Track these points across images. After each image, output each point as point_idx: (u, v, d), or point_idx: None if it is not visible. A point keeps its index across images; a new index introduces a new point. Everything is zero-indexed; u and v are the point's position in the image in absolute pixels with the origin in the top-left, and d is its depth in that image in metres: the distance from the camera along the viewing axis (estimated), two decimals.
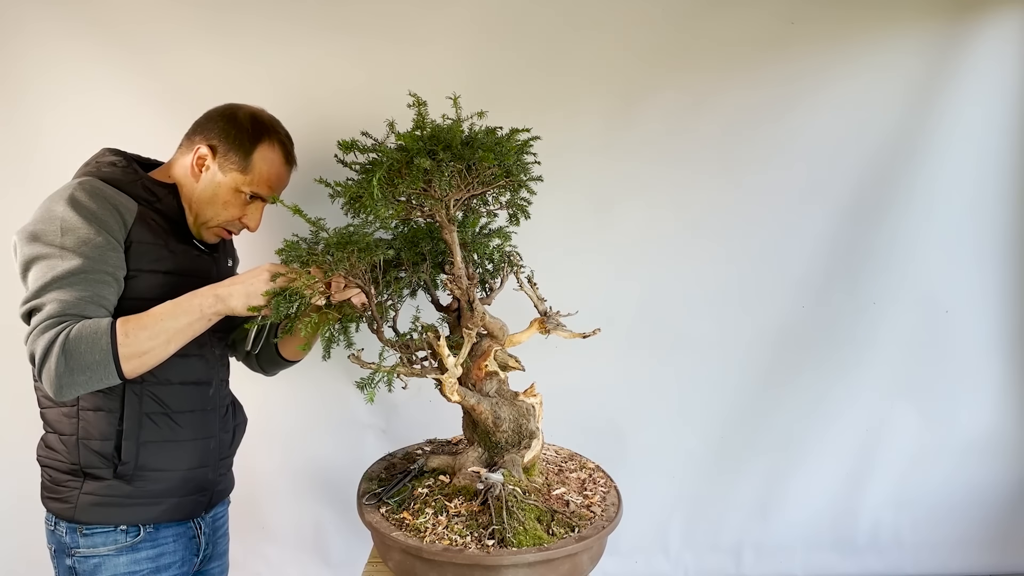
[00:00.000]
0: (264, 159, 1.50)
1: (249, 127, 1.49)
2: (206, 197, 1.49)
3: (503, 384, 1.58)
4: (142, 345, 1.28)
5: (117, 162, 1.47)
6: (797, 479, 2.46)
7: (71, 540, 1.42)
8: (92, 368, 1.25)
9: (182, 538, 1.53)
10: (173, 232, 1.49)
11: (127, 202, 1.40)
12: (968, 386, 2.42)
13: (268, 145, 1.51)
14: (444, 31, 2.14)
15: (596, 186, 2.27)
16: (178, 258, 1.46)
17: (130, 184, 1.43)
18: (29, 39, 2.04)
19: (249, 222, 1.55)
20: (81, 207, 1.33)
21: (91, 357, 1.24)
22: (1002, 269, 2.36)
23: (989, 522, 2.49)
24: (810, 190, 2.29)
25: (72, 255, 1.29)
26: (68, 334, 1.24)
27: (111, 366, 1.26)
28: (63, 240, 1.30)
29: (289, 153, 1.56)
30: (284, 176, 1.56)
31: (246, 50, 2.09)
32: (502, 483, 1.40)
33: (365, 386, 1.37)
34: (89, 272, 1.30)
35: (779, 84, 2.23)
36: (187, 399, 1.50)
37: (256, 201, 1.54)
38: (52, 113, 2.08)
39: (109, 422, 1.41)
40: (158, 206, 1.46)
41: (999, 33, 2.21)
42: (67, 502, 1.42)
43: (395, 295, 1.53)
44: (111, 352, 1.25)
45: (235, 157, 1.48)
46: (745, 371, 2.39)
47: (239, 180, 1.49)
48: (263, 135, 1.50)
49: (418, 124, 1.34)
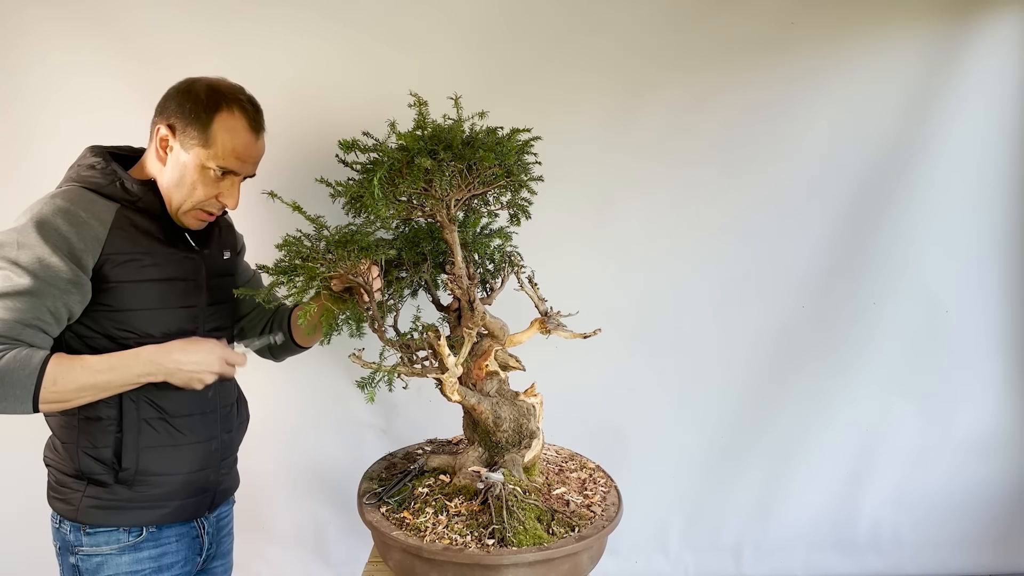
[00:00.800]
0: (225, 129, 1.40)
1: (204, 98, 1.40)
2: (174, 180, 1.42)
3: (503, 384, 1.58)
4: (66, 395, 1.28)
5: (96, 164, 1.42)
6: (797, 479, 2.46)
7: (75, 538, 1.42)
8: (7, 399, 1.23)
9: (185, 538, 1.52)
10: (158, 234, 1.44)
11: (104, 212, 1.36)
12: (968, 386, 2.42)
13: (228, 114, 1.40)
14: (445, 31, 2.14)
15: (597, 186, 2.27)
16: (161, 266, 1.42)
17: (109, 187, 1.39)
18: (24, 32, 2.04)
19: (226, 200, 1.46)
20: (47, 225, 1.29)
21: (10, 390, 1.22)
22: (1002, 269, 2.36)
23: (989, 522, 2.49)
24: (810, 190, 2.29)
25: (23, 273, 1.26)
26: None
27: (28, 403, 1.24)
28: (18, 255, 1.27)
29: (253, 119, 1.45)
30: (251, 145, 1.44)
31: (246, 49, 2.09)
32: (502, 483, 1.40)
33: (365, 386, 1.37)
34: (34, 294, 1.26)
35: (779, 84, 2.23)
36: (186, 403, 1.48)
37: (229, 176, 1.45)
38: (48, 108, 2.07)
39: (107, 430, 1.40)
40: (140, 205, 1.41)
41: (999, 33, 2.21)
42: (71, 503, 1.42)
43: (396, 295, 1.54)
44: (33, 392, 1.23)
45: (193, 131, 1.39)
46: (745, 371, 2.39)
47: (202, 155, 1.40)
48: (220, 104, 1.40)
49: (419, 124, 1.34)
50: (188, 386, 1.38)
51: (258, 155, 1.48)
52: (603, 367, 2.34)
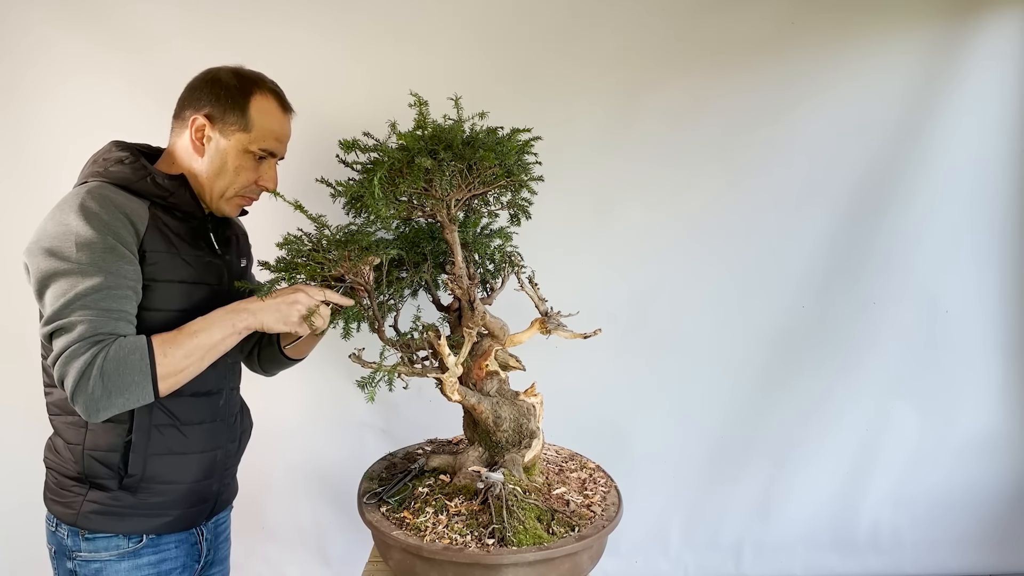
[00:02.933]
0: (261, 111, 1.44)
1: (237, 84, 1.43)
2: (215, 168, 1.43)
3: (503, 384, 1.59)
4: (179, 363, 1.28)
5: (124, 159, 1.40)
6: (797, 479, 2.46)
7: (73, 543, 1.40)
8: (130, 389, 1.23)
9: (184, 544, 1.50)
10: (186, 233, 1.43)
11: (138, 208, 1.35)
12: (968, 386, 2.42)
13: (261, 96, 1.44)
14: (445, 32, 2.15)
15: (597, 186, 2.27)
16: (191, 267, 1.41)
17: (140, 182, 1.37)
18: (22, 27, 2.04)
19: (267, 182, 1.48)
20: (94, 219, 1.27)
21: (130, 379, 1.23)
22: (1002, 269, 2.36)
23: (989, 522, 2.49)
24: (810, 190, 2.29)
25: (92, 270, 1.25)
26: (106, 356, 1.21)
27: (148, 387, 1.25)
28: (80, 255, 1.25)
29: (283, 100, 1.50)
30: (286, 124, 1.50)
31: (246, 49, 2.07)
32: (502, 482, 1.40)
33: (365, 385, 1.37)
34: (112, 288, 1.26)
35: (779, 84, 2.23)
36: (197, 411, 1.46)
37: (267, 159, 1.47)
38: (46, 105, 2.07)
39: (117, 433, 1.37)
40: (172, 200, 1.40)
41: (999, 33, 2.21)
42: (70, 507, 1.39)
43: (396, 295, 1.54)
44: (150, 372, 1.24)
45: (233, 118, 1.41)
46: (745, 371, 2.39)
47: (244, 140, 1.42)
48: (253, 88, 1.44)
49: (419, 124, 1.34)
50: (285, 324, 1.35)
51: (289, 134, 1.51)
52: (603, 367, 2.34)
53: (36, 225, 1.32)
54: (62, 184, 1.47)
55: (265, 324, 1.35)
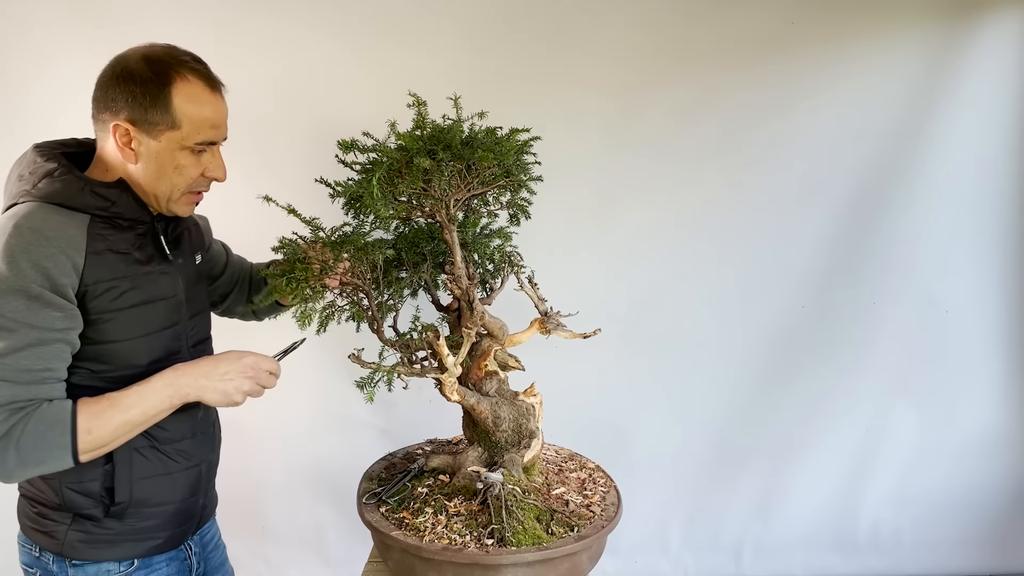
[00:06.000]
0: (187, 100, 1.24)
1: (151, 75, 1.22)
2: (153, 173, 1.27)
3: (503, 384, 1.58)
4: (103, 439, 1.19)
5: (54, 171, 1.23)
6: (797, 479, 2.46)
7: (59, 569, 1.32)
8: (47, 461, 1.15)
9: (174, 561, 1.44)
10: (133, 246, 1.29)
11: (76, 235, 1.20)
12: (968, 386, 2.42)
13: (182, 81, 1.24)
14: (444, 31, 2.15)
15: (597, 186, 2.27)
16: (141, 289, 1.28)
17: (76, 196, 1.22)
18: (22, 28, 2.04)
19: (215, 174, 1.33)
20: (20, 260, 1.13)
21: (47, 452, 1.14)
22: (1002, 269, 2.36)
23: (989, 522, 2.49)
24: (810, 190, 2.29)
25: (13, 325, 1.13)
26: (23, 428, 1.12)
27: (68, 459, 1.16)
28: (2, 306, 1.12)
29: (208, 77, 1.29)
30: (219, 106, 1.30)
31: (246, 49, 2.09)
32: (502, 482, 1.40)
33: (365, 385, 1.37)
34: (35, 344, 1.14)
35: (779, 84, 2.23)
36: (178, 427, 1.36)
37: (209, 148, 1.31)
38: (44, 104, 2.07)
39: (95, 463, 1.26)
40: (114, 210, 1.25)
41: (999, 33, 2.21)
42: (54, 536, 1.30)
43: (396, 295, 1.54)
44: (70, 447, 1.15)
45: (156, 117, 1.22)
46: (745, 371, 2.39)
47: (176, 138, 1.25)
48: (170, 74, 1.23)
49: (418, 124, 1.34)
50: (227, 403, 1.29)
51: (226, 113, 1.32)
52: (603, 367, 2.34)
53: None
54: None
55: (205, 400, 1.28)
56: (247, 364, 1.31)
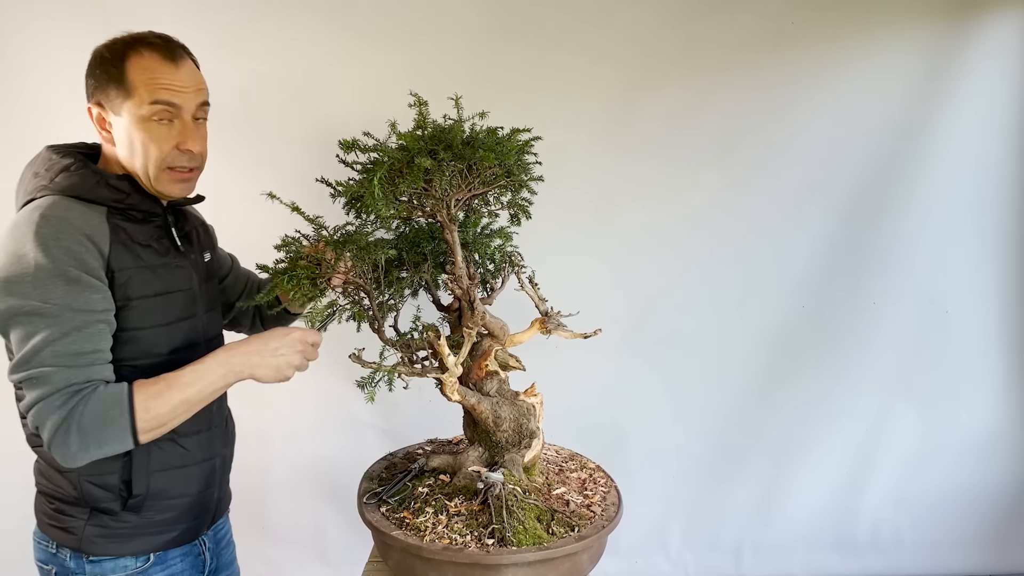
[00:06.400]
0: (139, 70, 1.26)
1: (109, 54, 1.28)
2: (127, 150, 1.29)
3: (503, 384, 1.58)
4: (162, 418, 1.22)
5: (70, 166, 1.28)
6: (797, 479, 2.46)
7: (76, 566, 1.33)
8: (109, 443, 1.18)
9: (189, 556, 1.47)
10: (150, 238, 1.34)
11: (98, 223, 1.25)
12: (968, 386, 2.42)
13: (136, 56, 1.27)
14: (445, 32, 2.14)
15: (597, 186, 2.27)
16: (161, 277, 1.33)
17: (94, 189, 1.27)
18: (23, 32, 2.03)
19: (188, 144, 1.32)
20: (53, 246, 1.17)
21: (108, 433, 1.17)
22: (1002, 269, 2.36)
23: (989, 522, 2.49)
24: (810, 190, 2.29)
25: (57, 310, 1.16)
26: (83, 410, 1.15)
27: (128, 439, 1.19)
28: (43, 292, 1.16)
29: (165, 48, 1.30)
30: (173, 71, 1.29)
31: (246, 49, 2.09)
32: (502, 482, 1.40)
33: (365, 385, 1.37)
34: (81, 327, 1.17)
35: (779, 84, 2.23)
36: (194, 421, 1.35)
37: (178, 119, 1.30)
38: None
39: (113, 456, 1.27)
40: (129, 201, 1.30)
41: (999, 33, 2.21)
42: (71, 532, 1.32)
43: (396, 295, 1.53)
44: (130, 427, 1.18)
45: (114, 91, 1.27)
46: (745, 371, 2.39)
47: (132, 107, 1.26)
48: (125, 51, 1.28)
49: (419, 124, 1.34)
50: (279, 378, 1.31)
51: (190, 81, 1.31)
52: (603, 367, 2.34)
53: None
54: None
55: (258, 377, 1.30)
56: (295, 339, 1.32)
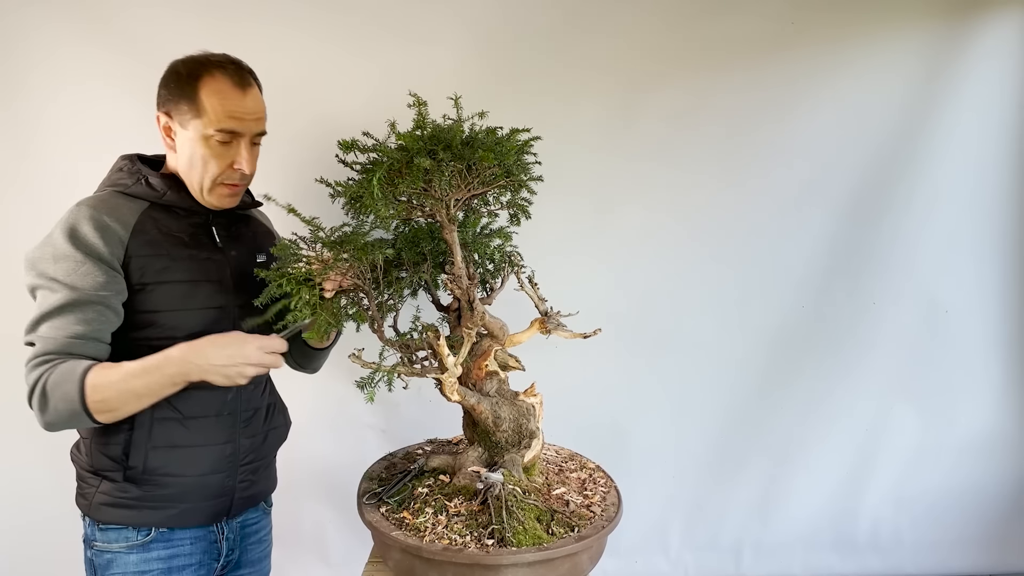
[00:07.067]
0: (212, 93, 1.39)
1: (185, 71, 1.41)
2: (186, 161, 1.44)
3: (503, 384, 1.58)
4: (109, 403, 1.29)
5: (124, 166, 1.47)
6: (797, 479, 2.46)
7: (91, 533, 1.45)
8: (66, 415, 1.28)
9: (201, 542, 1.50)
10: (183, 235, 1.44)
11: (127, 215, 1.39)
12: (968, 386, 2.42)
13: (209, 78, 1.40)
14: (445, 32, 2.14)
15: (597, 186, 2.27)
16: (183, 268, 1.42)
17: (135, 186, 1.43)
18: (25, 30, 2.03)
19: (241, 164, 1.44)
20: (74, 235, 1.33)
21: (63, 406, 1.26)
22: (1002, 269, 2.36)
23: (989, 522, 2.49)
24: (810, 190, 2.29)
25: (61, 287, 1.30)
26: (47, 379, 1.27)
27: (84, 417, 1.28)
28: (54, 270, 1.31)
29: (236, 75, 1.43)
30: (241, 100, 1.42)
31: (247, 51, 2.08)
32: (502, 483, 1.40)
33: (365, 385, 1.37)
34: (77, 304, 1.30)
35: (779, 84, 2.23)
36: (201, 404, 1.45)
37: (236, 140, 1.43)
38: (49, 112, 2.07)
39: (120, 426, 1.39)
40: (165, 200, 1.44)
41: (999, 33, 2.21)
42: (86, 498, 1.45)
43: (396, 295, 1.53)
44: (81, 404, 1.26)
45: (184, 106, 1.40)
46: (745, 371, 2.39)
47: (199, 126, 1.40)
48: (200, 71, 1.40)
49: (418, 124, 1.34)
50: (232, 383, 1.34)
51: (255, 109, 1.45)
52: (603, 367, 2.34)
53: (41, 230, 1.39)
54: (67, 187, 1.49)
55: (211, 381, 1.33)
56: (251, 350, 1.35)
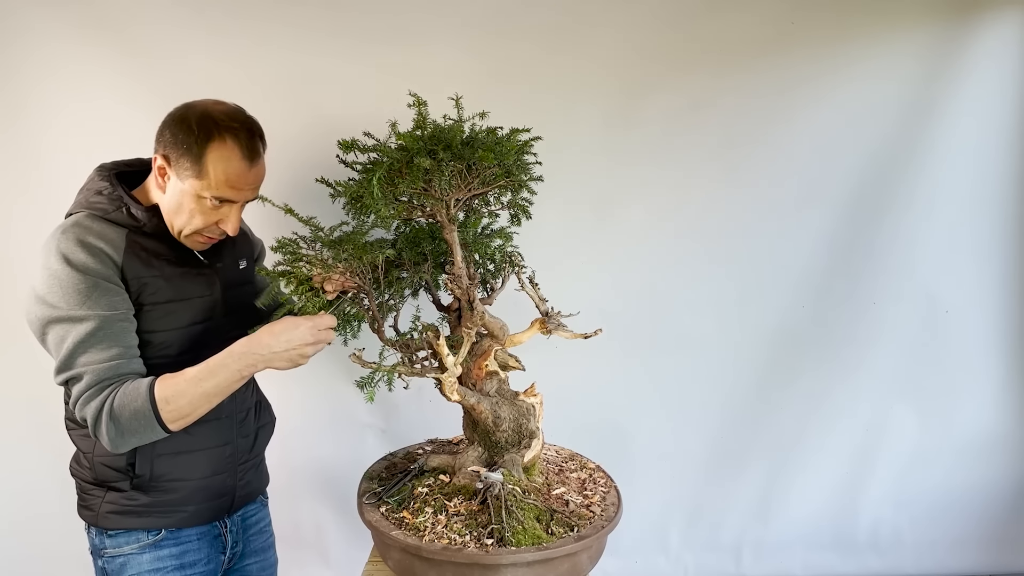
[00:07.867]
0: (218, 160, 1.36)
1: (197, 129, 1.36)
2: (173, 207, 1.41)
3: (503, 384, 1.59)
4: (183, 410, 1.32)
5: (103, 189, 1.42)
6: (797, 479, 2.46)
7: (100, 542, 1.48)
8: (140, 432, 1.31)
9: (206, 537, 1.55)
10: (168, 254, 1.44)
11: (115, 237, 1.38)
12: (968, 386, 2.42)
13: (219, 143, 1.36)
14: (445, 32, 2.14)
15: (597, 186, 2.27)
16: (174, 285, 1.43)
17: (116, 213, 1.40)
18: (31, 42, 2.03)
19: (226, 226, 1.43)
20: (72, 260, 1.32)
21: (137, 424, 1.30)
22: (1002, 269, 2.36)
23: (989, 522, 2.49)
24: (810, 190, 2.29)
25: (83, 315, 1.30)
26: (112, 404, 1.29)
27: (158, 429, 1.32)
28: (68, 302, 1.31)
29: (247, 146, 1.39)
30: (245, 173, 1.39)
31: (247, 52, 2.09)
32: (502, 482, 1.40)
33: (365, 385, 1.37)
34: (105, 327, 1.31)
35: (779, 84, 2.23)
36: None
37: (227, 204, 1.41)
38: (53, 118, 2.07)
39: None
40: (145, 230, 1.42)
41: (998, 34, 2.21)
42: (92, 510, 1.47)
43: (396, 295, 1.54)
44: (154, 419, 1.30)
45: (187, 162, 1.36)
46: (745, 371, 2.39)
47: (197, 186, 1.37)
48: (212, 134, 1.36)
49: (419, 124, 1.34)
50: (295, 365, 1.37)
51: (255, 180, 1.43)
52: (603, 367, 2.34)
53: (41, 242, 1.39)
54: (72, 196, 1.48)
55: (275, 368, 1.37)
56: (306, 329, 1.35)
